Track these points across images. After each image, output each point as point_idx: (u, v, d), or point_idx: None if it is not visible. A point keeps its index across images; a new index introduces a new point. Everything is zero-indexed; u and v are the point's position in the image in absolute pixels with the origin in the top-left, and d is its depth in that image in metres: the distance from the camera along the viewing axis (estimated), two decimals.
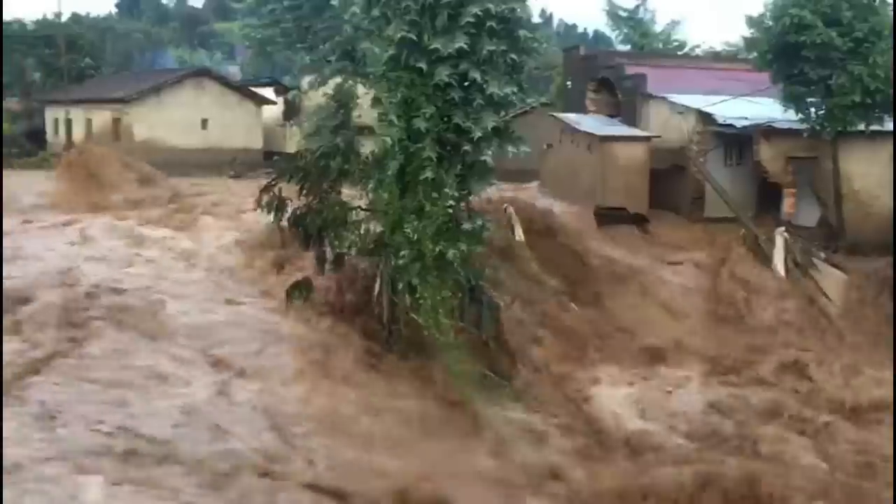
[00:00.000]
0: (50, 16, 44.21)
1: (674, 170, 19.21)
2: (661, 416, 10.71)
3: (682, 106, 19.74)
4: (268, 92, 37.59)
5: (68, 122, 36.12)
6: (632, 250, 16.62)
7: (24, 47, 42.66)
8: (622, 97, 21.97)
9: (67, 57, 39.79)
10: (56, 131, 37.08)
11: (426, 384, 10.54)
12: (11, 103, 42.38)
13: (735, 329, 13.76)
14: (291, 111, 36.63)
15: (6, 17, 42.50)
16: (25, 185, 21.18)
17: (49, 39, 41.74)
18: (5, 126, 39.17)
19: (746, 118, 18.32)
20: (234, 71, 50.58)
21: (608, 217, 18.23)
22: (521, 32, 10.14)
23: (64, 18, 42.76)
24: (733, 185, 18.84)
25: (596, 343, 12.32)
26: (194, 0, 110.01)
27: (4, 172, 26.83)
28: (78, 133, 34.44)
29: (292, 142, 32.86)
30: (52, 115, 38.08)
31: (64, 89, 38.56)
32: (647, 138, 19.46)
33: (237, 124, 34.36)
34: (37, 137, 38.19)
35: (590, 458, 9.35)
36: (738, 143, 18.97)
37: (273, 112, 36.83)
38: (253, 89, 37.32)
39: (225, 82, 36.72)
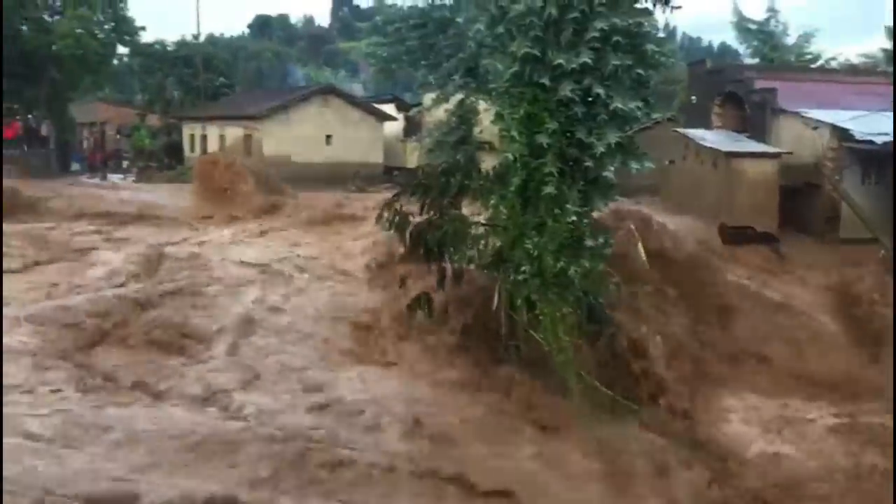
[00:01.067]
0: (188, 37, 46.68)
1: (806, 188, 18.38)
2: (802, 446, 10.12)
3: (816, 121, 18.86)
4: (389, 108, 38.49)
5: (203, 138, 38.03)
6: (761, 271, 15.93)
7: (165, 67, 45.25)
8: (750, 112, 21.21)
9: (204, 76, 41.94)
10: (192, 146, 39.08)
11: (541, 401, 10.44)
12: (153, 119, 45.09)
13: (874, 357, 12.92)
14: (412, 127, 37.33)
15: (149, 38, 45.29)
16: (166, 196, 22.45)
17: (188, 59, 44.12)
18: (146, 141, 41.72)
19: (887, 134, 17.30)
20: (357, 88, 52.03)
21: (734, 236, 17.62)
22: (649, 47, 9.93)
23: (201, 39, 45.03)
24: (871, 205, 17.82)
25: (723, 367, 11.84)
26: (321, 20, 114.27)
27: (147, 186, 28.63)
28: (212, 148, 36.15)
29: (412, 157, 33.48)
30: (188, 130, 40.20)
31: (200, 107, 40.65)
32: (777, 154, 18.71)
33: (360, 140, 35.35)
34: (175, 152, 40.45)
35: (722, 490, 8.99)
36: (878, 160, 17.91)
37: (393, 128, 37.65)
38: (375, 106, 38.32)
39: (349, 99, 37.88)
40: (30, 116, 38.58)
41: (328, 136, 35.14)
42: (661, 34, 11.60)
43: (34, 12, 38.27)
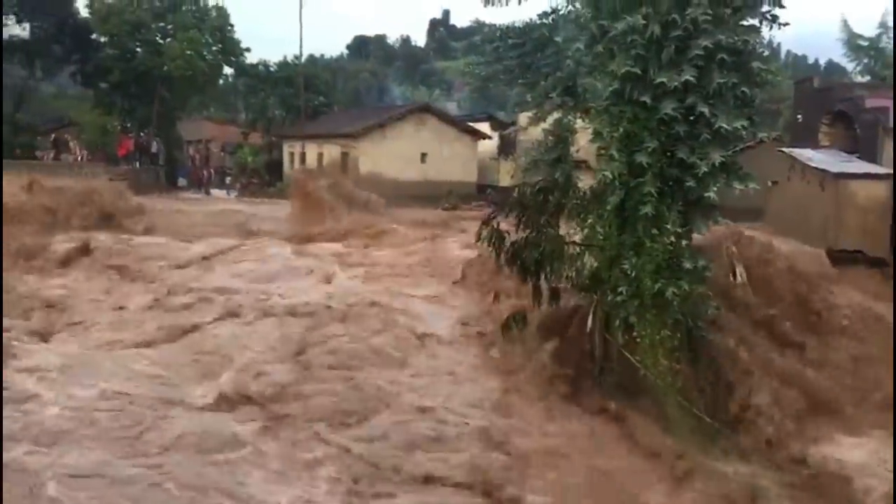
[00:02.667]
0: (291, 58, 48.18)
1: None
2: None
3: None
4: (484, 126, 38.73)
5: (303, 156, 39.14)
6: (872, 296, 15.14)
7: (268, 87, 46.86)
8: (861, 132, 20.37)
9: (304, 95, 43.21)
10: (292, 164, 40.23)
11: (634, 425, 10.20)
12: (255, 138, 46.71)
13: None
14: (506, 145, 37.41)
15: (254, 59, 47.01)
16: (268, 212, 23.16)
17: (289, 80, 45.57)
18: (249, 158, 43.23)
19: None
20: (451, 106, 52.60)
21: (842, 260, 16.86)
22: (755, 64, 9.65)
23: (302, 60, 46.40)
24: None
25: (831, 397, 11.27)
26: (418, 39, 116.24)
27: (250, 200, 29.60)
28: (311, 165, 37.12)
29: (505, 175, 33.55)
30: (288, 149, 41.42)
31: (300, 125, 41.90)
32: (890, 176, 17.85)
33: (454, 158, 35.66)
34: (276, 169, 41.74)
35: None
36: None
37: (487, 146, 37.82)
38: (470, 124, 38.61)
39: (444, 117, 38.32)
40: (141, 134, 40.51)
41: (423, 154, 35.60)
42: (765, 51, 11.25)
43: (148, 35, 40.30)
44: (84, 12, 40.87)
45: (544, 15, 13.32)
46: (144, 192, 28.37)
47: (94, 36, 40.79)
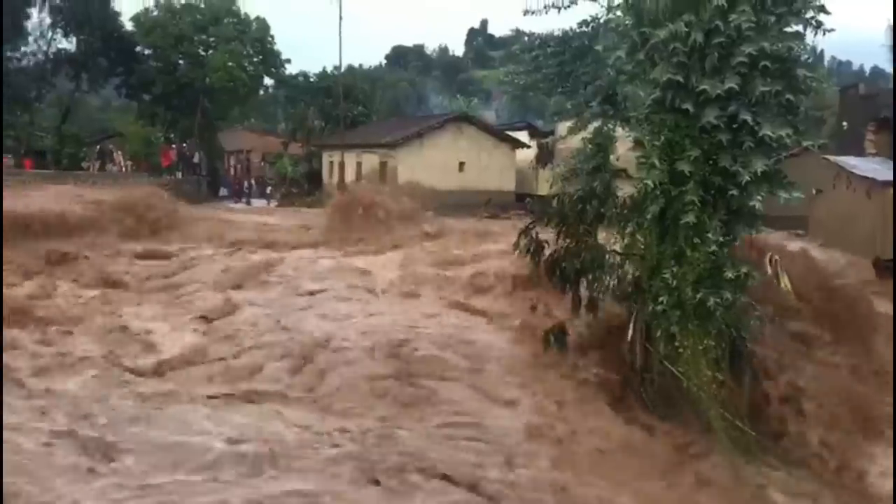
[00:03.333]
0: (330, 68, 48.68)
1: None
2: None
3: None
4: (522, 135, 38.71)
5: (341, 165, 39.43)
6: None
7: (308, 97, 47.37)
8: None
9: (343, 105, 43.63)
10: (331, 173, 40.56)
11: (676, 437, 10.07)
12: (295, 147, 47.23)
13: None
14: (544, 154, 37.32)
15: (294, 69, 47.56)
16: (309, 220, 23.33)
17: (329, 90, 46.05)
18: (288, 168, 43.70)
19: None
20: (489, 115, 52.65)
21: (889, 270, 16.51)
22: (799, 71, 9.49)
23: (341, 71, 46.83)
24: None
25: (878, 411, 11.01)
26: (456, 49, 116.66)
27: (287, 210, 29.87)
28: (349, 175, 37.39)
29: (544, 184, 33.47)
30: (327, 158, 41.78)
31: (339, 135, 42.29)
32: None
33: (492, 167, 35.68)
34: (315, 179, 42.13)
35: None
36: None
37: (525, 155, 37.78)
38: (508, 133, 38.60)
39: (483, 127, 38.37)
40: (184, 144, 41.19)
41: (461, 164, 35.68)
42: (809, 58, 11.06)
43: (190, 48, 41.04)
44: (129, 26, 41.78)
45: (584, 23, 13.25)
46: (186, 202, 28.79)
47: (138, 49, 41.67)
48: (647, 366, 10.99)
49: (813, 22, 9.85)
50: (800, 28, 9.87)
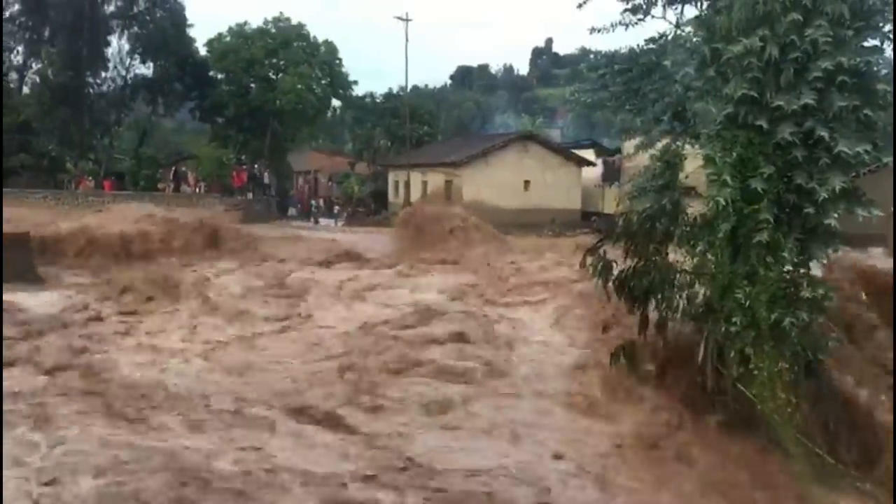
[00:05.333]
0: (396, 89, 49.35)
1: None
2: None
3: None
4: (588, 153, 38.50)
5: (407, 185, 39.80)
6: None
7: (375, 118, 48.08)
8: None
9: (409, 126, 44.15)
10: (397, 192, 40.96)
11: (753, 461, 9.80)
12: (361, 167, 47.92)
13: None
14: (610, 172, 37.01)
15: (361, 91, 48.34)
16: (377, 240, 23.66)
17: (395, 111, 46.68)
18: (355, 188, 44.34)
19: None
20: (555, 134, 52.48)
21: None
22: (879, 86, 9.22)
23: (407, 91, 47.39)
24: None
25: None
26: (520, 68, 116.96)
27: (353, 230, 30.26)
28: (415, 194, 37.69)
29: (610, 202, 33.17)
30: (393, 178, 42.23)
31: (404, 155, 42.78)
32: None
33: (558, 185, 35.53)
34: (381, 198, 42.62)
35: None
36: None
37: (591, 173, 37.51)
38: (573, 151, 38.42)
39: (548, 145, 38.28)
40: (255, 166, 42.17)
41: (526, 182, 35.62)
42: (887, 71, 10.75)
43: (261, 72, 42.12)
44: (203, 51, 43.11)
45: (651, 41, 13.17)
46: (257, 222, 29.45)
47: (211, 73, 42.94)
48: (719, 388, 10.74)
49: (891, 35, 9.61)
50: (878, 42, 9.64)
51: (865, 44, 9.54)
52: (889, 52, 9.82)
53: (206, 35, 44.49)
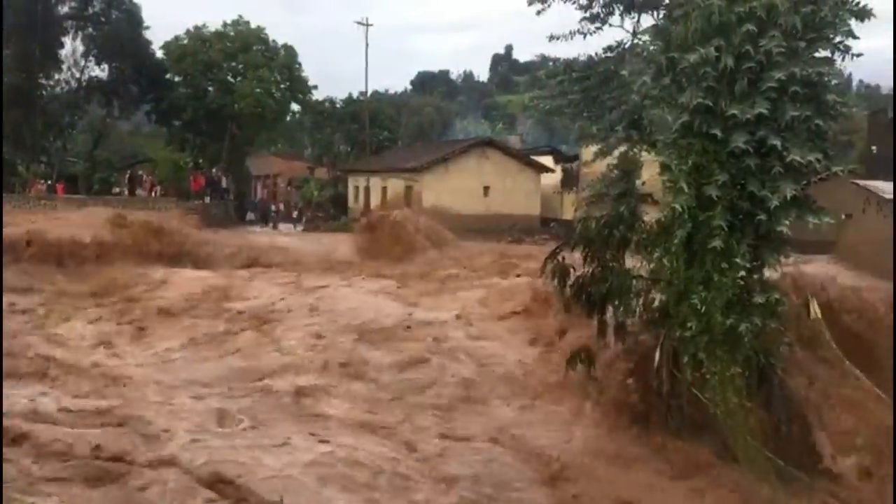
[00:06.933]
0: (356, 94, 49.18)
1: None
2: None
3: None
4: (546, 160, 38.73)
5: (367, 190, 39.64)
6: None
7: (334, 123, 47.82)
8: None
9: (369, 131, 43.97)
10: (356, 198, 40.77)
11: (703, 466, 9.92)
12: (321, 172, 47.62)
13: None
14: (569, 179, 37.32)
15: (321, 96, 48.08)
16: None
17: (355, 116, 46.49)
18: (314, 193, 44.03)
19: None
20: (514, 140, 52.69)
21: None
22: (830, 96, 9.44)
23: (367, 96, 47.23)
24: None
25: None
26: (480, 74, 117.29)
27: (314, 235, 30.02)
28: (375, 200, 37.56)
29: (569, 209, 33.45)
30: (353, 183, 42.02)
31: (364, 160, 42.60)
32: None
33: (517, 191, 35.67)
34: (340, 203, 42.35)
35: None
36: None
37: (550, 179, 37.75)
38: (532, 157, 38.64)
39: (507, 151, 38.43)
40: (212, 170, 41.66)
41: (486, 188, 35.70)
42: (837, 82, 10.99)
43: (219, 75, 41.65)
44: (160, 54, 42.48)
45: (609, 49, 13.32)
46: (214, 226, 29.07)
47: (168, 76, 42.33)
48: (674, 392, 10.87)
49: (842, 47, 9.83)
50: (829, 53, 9.85)
51: (817, 55, 9.75)
52: (839, 62, 10.04)
53: (164, 37, 43.73)
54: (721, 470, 9.75)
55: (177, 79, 42.23)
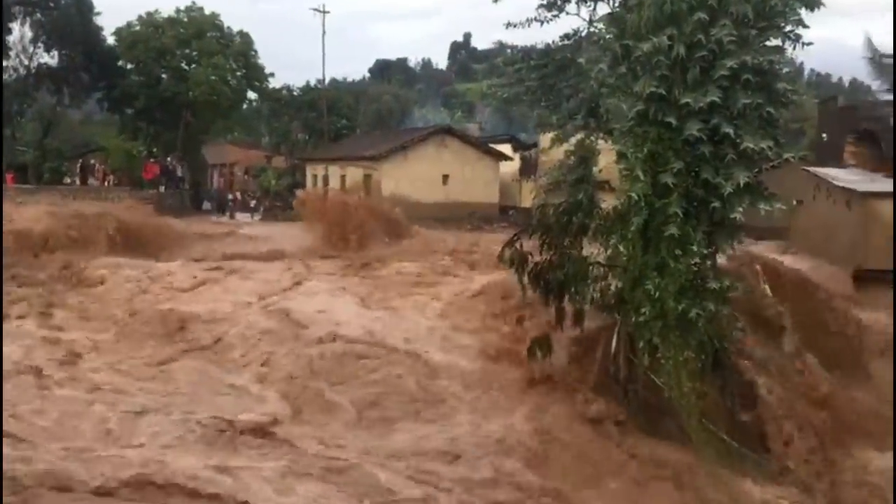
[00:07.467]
0: (313, 82, 48.64)
1: None
2: None
3: None
4: (505, 148, 38.78)
5: (325, 178, 39.32)
6: None
7: (292, 111, 47.25)
8: (887, 150, 20.16)
9: (327, 119, 43.51)
10: (315, 186, 40.39)
11: (661, 447, 10.09)
12: (279, 161, 47.08)
13: None
14: (528, 167, 37.45)
15: (277, 83, 47.46)
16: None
17: (313, 103, 45.95)
18: (272, 182, 43.55)
19: None
20: (473, 128, 52.64)
21: (870, 280, 16.67)
22: (780, 85, 9.61)
23: (325, 84, 46.81)
24: None
25: (861, 421, 11.10)
26: (439, 62, 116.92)
27: (271, 224, 29.69)
28: (333, 188, 37.26)
29: (528, 196, 33.54)
30: (311, 171, 41.66)
31: (323, 148, 42.16)
32: None
33: (476, 179, 35.69)
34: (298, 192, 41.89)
35: None
36: None
37: (509, 167, 37.84)
38: (491, 145, 38.67)
39: (466, 139, 38.39)
40: (167, 158, 40.96)
41: (445, 176, 35.66)
42: (790, 71, 11.19)
43: (173, 62, 40.88)
44: (111, 40, 41.55)
45: (566, 37, 13.33)
46: (169, 216, 28.59)
47: (120, 63, 41.41)
48: (630, 377, 11.03)
49: (792, 35, 9.99)
50: (780, 42, 10.01)
51: (768, 43, 9.91)
52: (790, 51, 10.20)
53: (115, 23, 42.65)
54: (675, 451, 9.91)
55: (129, 66, 41.29)
